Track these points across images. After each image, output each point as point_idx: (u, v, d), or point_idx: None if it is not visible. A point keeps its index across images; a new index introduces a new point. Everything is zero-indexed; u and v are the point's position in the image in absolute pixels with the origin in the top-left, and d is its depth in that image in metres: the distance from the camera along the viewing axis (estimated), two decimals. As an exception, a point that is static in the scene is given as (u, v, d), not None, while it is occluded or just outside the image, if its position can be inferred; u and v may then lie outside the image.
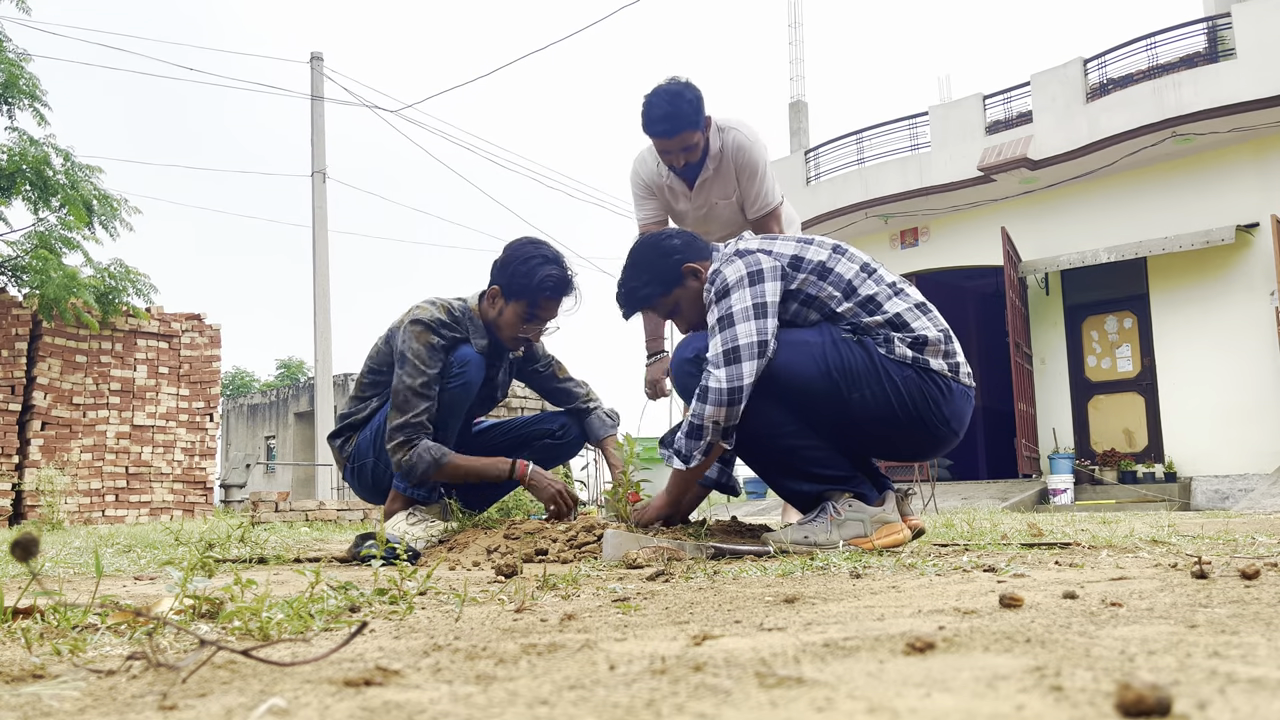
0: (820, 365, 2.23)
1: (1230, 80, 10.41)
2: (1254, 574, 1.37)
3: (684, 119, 3.11)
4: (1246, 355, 10.83)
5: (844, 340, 2.26)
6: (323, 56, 13.99)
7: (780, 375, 2.22)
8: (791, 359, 2.23)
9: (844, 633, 0.95)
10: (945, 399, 2.27)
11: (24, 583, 1.48)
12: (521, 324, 2.94)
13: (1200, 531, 2.94)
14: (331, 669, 0.83)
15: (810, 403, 2.23)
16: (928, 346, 2.25)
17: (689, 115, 3.11)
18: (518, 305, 2.90)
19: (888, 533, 2.23)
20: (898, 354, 2.23)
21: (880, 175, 13.19)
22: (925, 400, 2.24)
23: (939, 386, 2.25)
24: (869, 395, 2.22)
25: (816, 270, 2.33)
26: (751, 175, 3.35)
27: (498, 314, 2.95)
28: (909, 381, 2.23)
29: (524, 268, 2.87)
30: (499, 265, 2.94)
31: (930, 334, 2.27)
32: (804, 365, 2.22)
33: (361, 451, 3.03)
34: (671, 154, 3.23)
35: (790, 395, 2.23)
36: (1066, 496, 10.98)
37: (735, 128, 3.34)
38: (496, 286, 2.93)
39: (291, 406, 23.78)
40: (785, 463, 2.30)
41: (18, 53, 9.36)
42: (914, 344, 2.25)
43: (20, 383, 9.25)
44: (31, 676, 0.84)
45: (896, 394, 2.22)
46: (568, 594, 1.55)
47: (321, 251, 13.54)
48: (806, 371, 2.22)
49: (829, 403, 2.23)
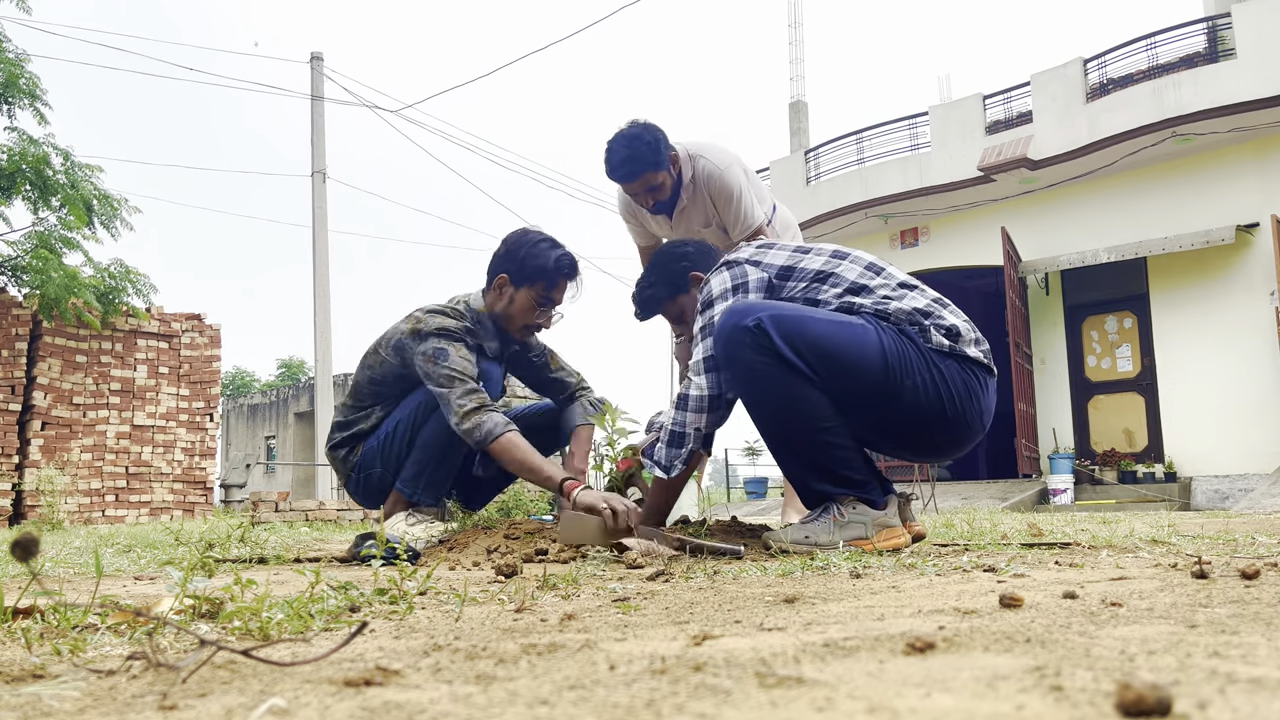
0: (877, 346, 2.14)
1: (1230, 80, 10.41)
2: (1254, 574, 1.37)
3: (643, 161, 3.13)
4: (1246, 355, 10.83)
5: (888, 327, 2.18)
6: (323, 56, 13.99)
7: (841, 353, 2.12)
8: (853, 339, 2.14)
9: (844, 633, 0.95)
10: (984, 392, 2.23)
11: (24, 583, 1.48)
12: (534, 310, 2.90)
13: (1200, 531, 2.94)
14: (331, 669, 0.83)
15: (861, 386, 2.14)
16: (960, 337, 2.20)
17: (648, 157, 3.13)
18: (530, 290, 2.87)
19: (888, 536, 2.21)
20: (935, 342, 2.17)
21: (880, 175, 13.19)
22: (968, 392, 2.19)
23: (978, 378, 2.21)
24: (920, 383, 2.15)
25: (813, 278, 2.29)
26: (727, 201, 3.33)
27: (507, 303, 2.90)
28: (952, 370, 2.17)
29: (534, 251, 2.85)
30: (504, 255, 2.90)
31: (959, 324, 2.22)
32: (865, 346, 2.14)
33: (368, 460, 2.96)
34: (638, 196, 3.26)
35: (847, 376, 2.13)
36: (1066, 496, 10.98)
37: (704, 155, 3.33)
38: (504, 275, 2.89)
39: (291, 406, 23.78)
40: (814, 458, 2.21)
41: (18, 53, 9.36)
42: (948, 334, 2.20)
43: (20, 383, 9.25)
44: (31, 676, 0.84)
45: (944, 384, 2.16)
46: (568, 594, 1.55)
47: (321, 251, 13.54)
48: (868, 353, 2.14)
49: (881, 387, 2.14)
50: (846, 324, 2.18)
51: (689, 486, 3.01)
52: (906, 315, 2.20)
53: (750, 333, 2.12)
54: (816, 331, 2.13)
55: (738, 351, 2.15)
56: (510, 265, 2.88)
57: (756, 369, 2.13)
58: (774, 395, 2.15)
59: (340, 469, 3.06)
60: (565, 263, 2.87)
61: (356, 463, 3.00)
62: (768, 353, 2.11)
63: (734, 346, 2.15)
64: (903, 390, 2.15)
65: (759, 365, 2.13)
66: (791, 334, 2.11)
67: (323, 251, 13.55)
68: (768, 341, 2.11)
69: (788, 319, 2.13)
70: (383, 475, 2.95)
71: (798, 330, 2.12)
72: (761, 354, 2.12)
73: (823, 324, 2.16)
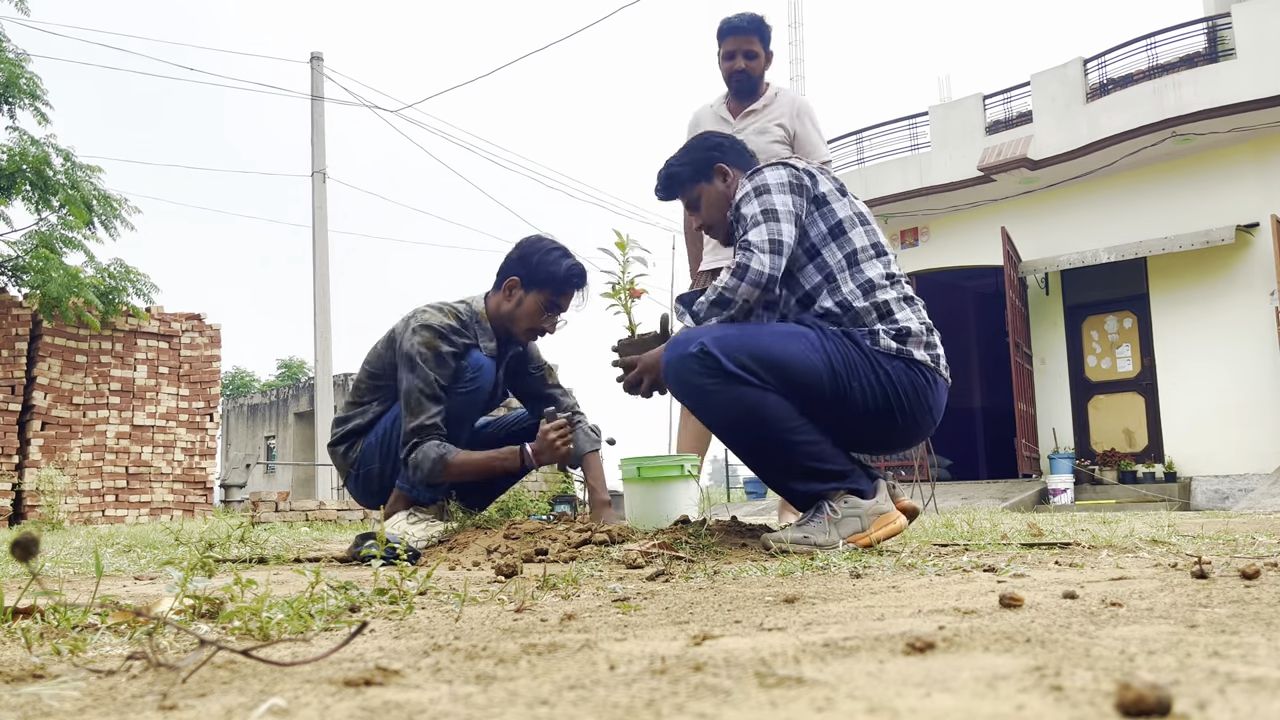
0: (821, 353, 2.24)
1: (1230, 80, 10.41)
2: (1254, 574, 1.37)
3: (758, 26, 3.78)
4: (1246, 355, 10.83)
5: (832, 333, 2.29)
6: (323, 56, 13.98)
7: (788, 362, 2.21)
8: (796, 348, 2.23)
9: (844, 633, 0.95)
10: (931, 389, 2.32)
11: (24, 583, 1.48)
12: (541, 314, 2.99)
13: (1200, 531, 2.94)
14: (331, 669, 0.83)
15: (813, 392, 2.23)
16: (910, 338, 2.30)
17: (762, 28, 3.78)
18: (540, 295, 2.97)
19: (884, 523, 2.24)
20: (883, 345, 2.27)
21: (880, 175, 13.19)
22: (914, 390, 2.28)
23: (925, 377, 2.31)
24: (866, 383, 2.25)
25: (833, 227, 2.36)
26: (811, 121, 3.80)
27: (515, 305, 2.99)
28: (898, 371, 2.27)
29: (548, 258, 2.97)
30: (517, 259, 3.00)
31: (913, 326, 2.31)
32: (809, 354, 2.23)
33: (367, 457, 2.99)
34: (735, 56, 3.77)
35: (796, 384, 2.22)
36: (1066, 496, 10.98)
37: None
38: (515, 278, 2.98)
39: (291, 406, 23.77)
40: (789, 461, 2.27)
41: (18, 53, 9.36)
42: (897, 335, 2.29)
43: (20, 383, 9.25)
44: (31, 676, 0.84)
45: (889, 383, 2.26)
46: (568, 594, 1.55)
47: (321, 251, 13.54)
48: (813, 359, 2.23)
49: (831, 391, 2.23)
50: (789, 334, 2.26)
51: (688, 486, 3.01)
52: (864, 313, 2.29)
53: (697, 359, 2.20)
54: (761, 344, 2.22)
55: (689, 378, 2.23)
56: (523, 269, 2.98)
57: (710, 391, 2.21)
58: (733, 411, 2.22)
59: (340, 465, 3.10)
60: (576, 273, 2.99)
61: (355, 459, 3.02)
62: (717, 374, 2.19)
63: (684, 374, 2.24)
64: (851, 391, 2.24)
65: (711, 387, 2.20)
66: (735, 351, 2.19)
67: (323, 251, 13.55)
68: (715, 363, 2.18)
69: (730, 338, 2.21)
70: (381, 472, 2.97)
71: (741, 347, 2.20)
72: (711, 376, 2.19)
73: (766, 337, 2.24)
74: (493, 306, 3.02)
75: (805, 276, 2.37)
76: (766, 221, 2.29)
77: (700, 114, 3.97)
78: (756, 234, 2.27)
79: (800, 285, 2.37)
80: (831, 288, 2.33)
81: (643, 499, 2.95)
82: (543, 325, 3.02)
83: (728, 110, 3.86)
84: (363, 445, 3.01)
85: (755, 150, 3.67)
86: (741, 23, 3.76)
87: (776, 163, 2.43)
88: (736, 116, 3.82)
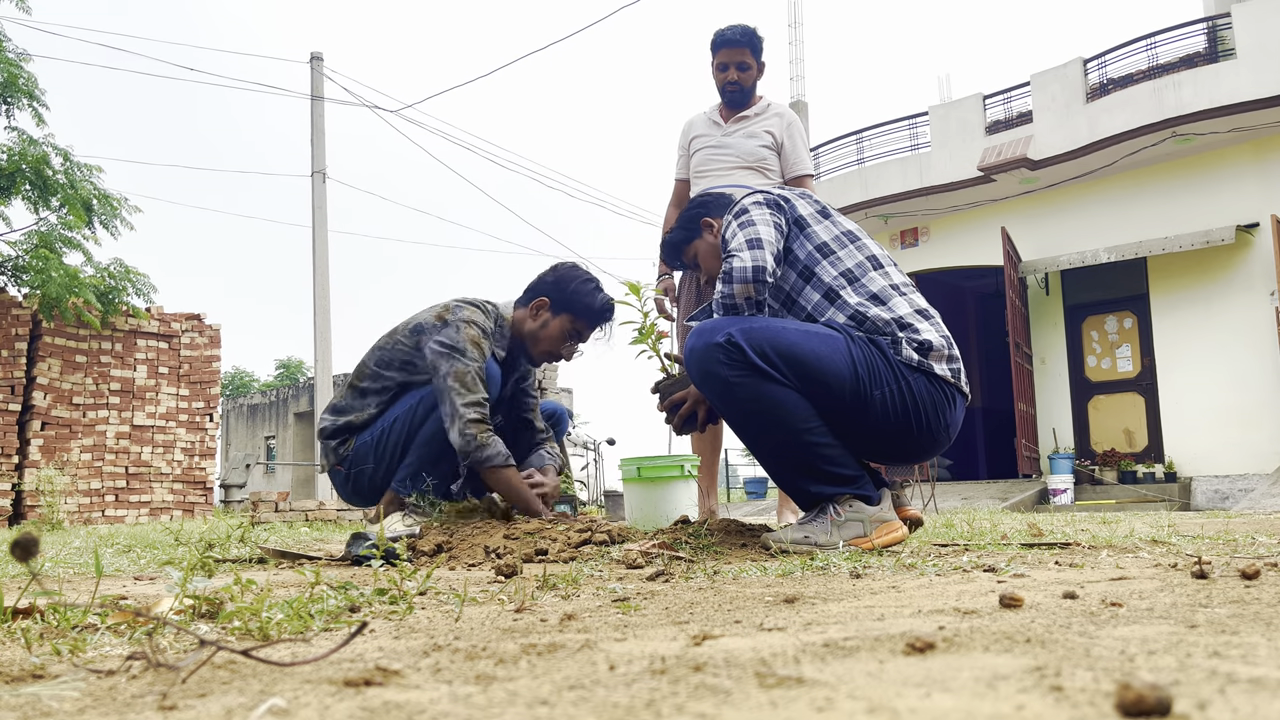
0: (847, 357, 2.21)
1: (1230, 80, 10.41)
2: (1254, 574, 1.37)
3: (750, 39, 3.86)
4: (1246, 355, 10.83)
5: (860, 338, 2.25)
6: (323, 56, 13.99)
7: (813, 362, 2.18)
8: (824, 349, 2.20)
9: (844, 633, 0.95)
10: (950, 406, 2.29)
11: (24, 583, 1.48)
12: (564, 340, 3.02)
13: (1200, 531, 2.94)
14: (331, 669, 0.83)
15: (833, 395, 2.20)
16: (932, 352, 2.26)
17: (754, 40, 3.87)
18: (565, 321, 3.00)
19: (886, 531, 2.23)
20: (904, 355, 2.24)
21: (880, 175, 13.19)
22: (934, 405, 2.25)
23: (945, 393, 2.27)
24: (889, 394, 2.21)
25: (818, 247, 2.36)
26: (799, 135, 3.92)
27: (540, 326, 3.01)
28: (919, 384, 2.24)
29: (584, 288, 3.00)
30: (552, 282, 3.03)
31: (934, 339, 2.27)
32: (835, 356, 2.20)
33: (360, 456, 2.97)
34: (728, 68, 3.86)
35: (818, 384, 2.19)
36: (1066, 496, 10.98)
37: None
38: (546, 299, 3.00)
39: (291, 406, 23.77)
40: (803, 460, 2.25)
41: (17, 52, 9.36)
42: (919, 349, 2.25)
43: (20, 383, 9.25)
44: (31, 676, 0.84)
45: (911, 396, 2.22)
46: (568, 594, 1.55)
47: (321, 251, 13.54)
48: (837, 363, 2.19)
49: (851, 397, 2.20)
50: (817, 333, 2.24)
51: (688, 486, 3.01)
52: (883, 324, 2.26)
53: (722, 349, 2.17)
54: (788, 340, 2.19)
55: (712, 368, 2.20)
56: (556, 293, 3.00)
57: (733, 382, 2.18)
58: (754, 405, 2.19)
59: (329, 457, 3.05)
60: (606, 309, 3.03)
61: (348, 457, 2.99)
62: (741, 365, 2.16)
63: (708, 364, 2.20)
64: (871, 400, 2.21)
65: (735, 378, 2.18)
66: (762, 344, 2.17)
67: (323, 251, 13.55)
68: (740, 355, 2.16)
69: (757, 331, 2.19)
70: (374, 472, 2.95)
71: (768, 341, 2.18)
72: (735, 368, 2.17)
73: (793, 334, 2.21)
74: (517, 319, 3.04)
75: (805, 298, 2.36)
76: (743, 229, 2.31)
77: (693, 120, 4.08)
78: (735, 243, 2.30)
79: (802, 308, 2.36)
80: (840, 303, 2.31)
81: (642, 499, 2.96)
82: (561, 351, 3.04)
83: (720, 116, 3.98)
84: (357, 443, 2.98)
85: (743, 151, 3.86)
86: (734, 35, 3.86)
87: (751, 192, 2.46)
88: (727, 122, 3.95)
